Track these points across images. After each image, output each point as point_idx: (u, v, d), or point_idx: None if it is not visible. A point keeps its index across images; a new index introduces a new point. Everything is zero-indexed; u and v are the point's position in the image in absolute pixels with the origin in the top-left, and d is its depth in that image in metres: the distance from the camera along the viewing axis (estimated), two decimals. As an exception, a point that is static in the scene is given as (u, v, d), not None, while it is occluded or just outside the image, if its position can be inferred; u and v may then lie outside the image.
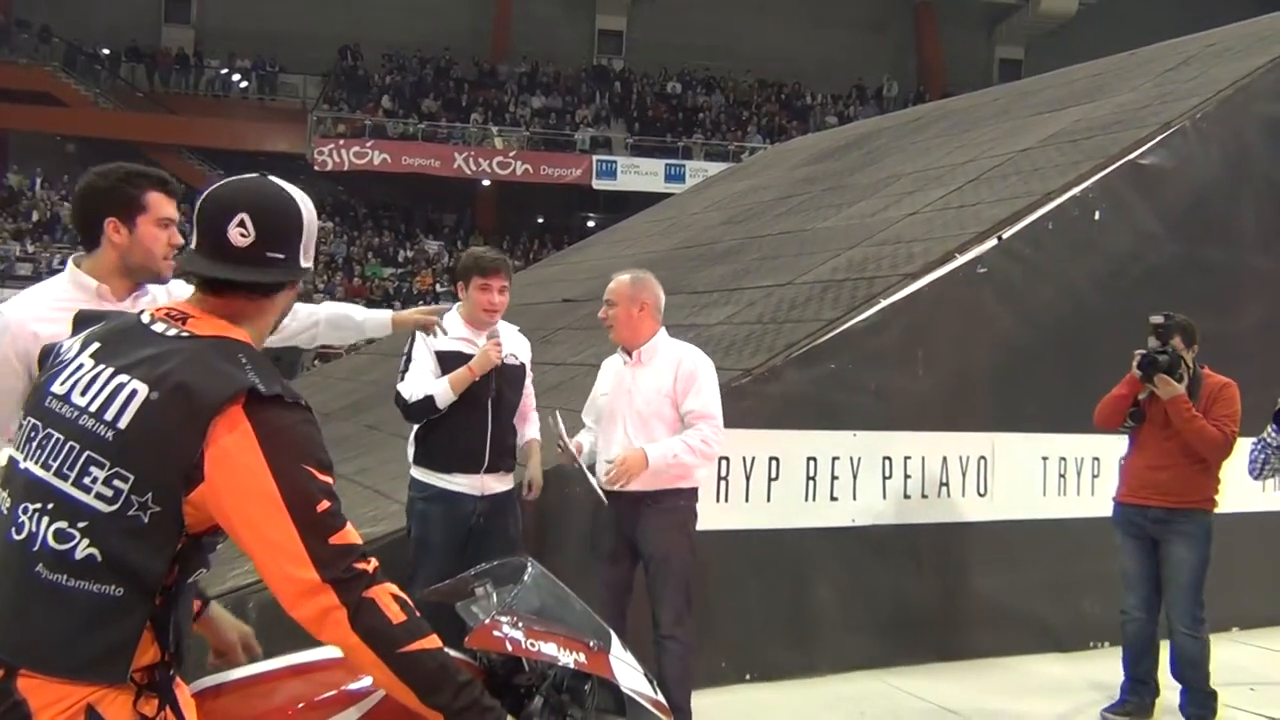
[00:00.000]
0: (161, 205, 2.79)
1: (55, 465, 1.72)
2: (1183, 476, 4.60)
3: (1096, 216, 6.02)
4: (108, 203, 2.77)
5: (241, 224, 1.79)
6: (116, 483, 1.68)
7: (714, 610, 5.00)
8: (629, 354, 4.24)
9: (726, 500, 5.07)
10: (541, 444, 4.38)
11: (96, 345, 1.81)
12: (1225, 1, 19.27)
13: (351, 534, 1.74)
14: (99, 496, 1.68)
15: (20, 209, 26.93)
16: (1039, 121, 8.16)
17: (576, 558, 4.35)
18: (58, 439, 1.73)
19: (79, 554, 1.67)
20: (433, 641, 1.75)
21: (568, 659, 1.93)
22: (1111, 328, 5.88)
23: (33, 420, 1.79)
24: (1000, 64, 33.70)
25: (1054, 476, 5.91)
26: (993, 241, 5.74)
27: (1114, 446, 5.91)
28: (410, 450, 4.23)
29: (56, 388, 1.78)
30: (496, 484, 4.14)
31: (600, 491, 4.11)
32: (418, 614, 1.76)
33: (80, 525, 1.68)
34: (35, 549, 1.69)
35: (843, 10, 33.10)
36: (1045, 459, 5.89)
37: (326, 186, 28.33)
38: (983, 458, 5.69)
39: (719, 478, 5.05)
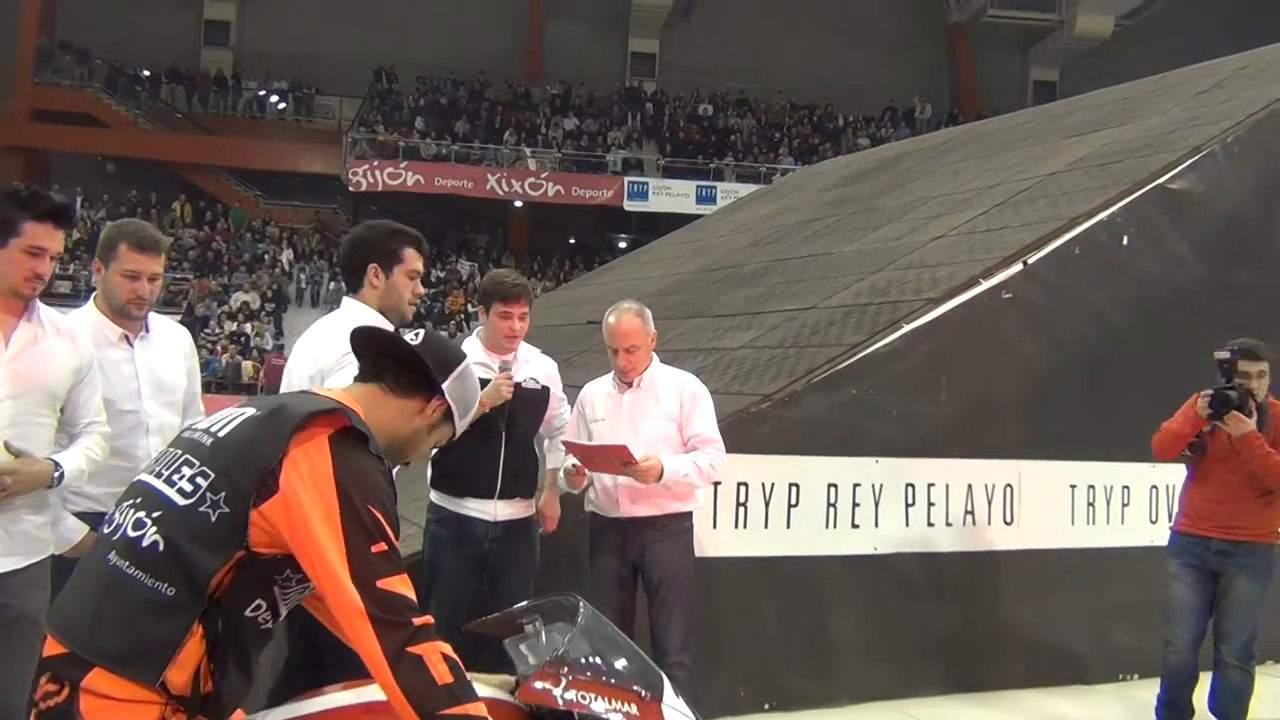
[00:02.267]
0: (415, 260, 3.23)
1: (158, 468, 1.87)
2: (1248, 509, 4.51)
3: (1124, 241, 5.93)
4: (373, 251, 3.20)
5: (415, 334, 2.11)
6: (199, 479, 1.79)
7: (732, 638, 4.95)
8: (626, 382, 4.19)
9: (745, 526, 5.02)
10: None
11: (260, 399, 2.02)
12: (1266, 23, 19.04)
13: (402, 584, 1.78)
14: (180, 491, 1.80)
15: (61, 228, 27.27)
16: (1068, 145, 8.08)
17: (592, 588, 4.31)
18: (173, 452, 1.89)
19: (145, 541, 1.77)
20: (477, 709, 1.76)
21: (617, 713, 1.92)
22: (1139, 353, 5.81)
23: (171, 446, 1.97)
24: (1035, 85, 33.54)
25: (1082, 505, 5.81)
26: (1018, 266, 5.68)
27: (1144, 474, 5.84)
28: (429, 473, 4.24)
29: (202, 423, 1.99)
30: (511, 510, 4.12)
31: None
32: (467, 679, 1.78)
33: (155, 515, 1.79)
34: (115, 538, 1.81)
35: (876, 32, 33.10)
36: (1073, 487, 5.79)
37: (360, 207, 28.58)
38: (1009, 485, 5.60)
39: (738, 504, 5.00)
